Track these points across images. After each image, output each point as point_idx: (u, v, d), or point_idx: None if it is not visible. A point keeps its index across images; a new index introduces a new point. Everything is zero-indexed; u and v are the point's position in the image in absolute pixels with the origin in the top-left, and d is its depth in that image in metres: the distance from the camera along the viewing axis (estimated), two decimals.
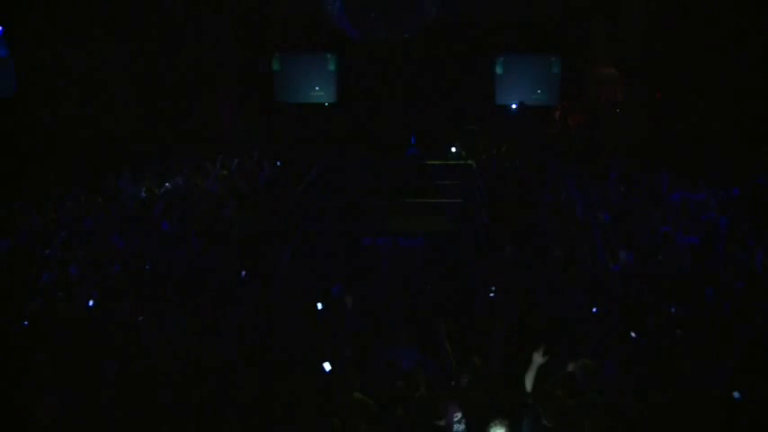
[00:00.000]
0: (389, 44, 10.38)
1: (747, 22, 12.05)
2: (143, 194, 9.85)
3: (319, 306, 6.34)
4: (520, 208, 10.24)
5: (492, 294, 6.44)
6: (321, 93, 15.16)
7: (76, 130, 12.49)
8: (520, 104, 15.00)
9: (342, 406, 4.32)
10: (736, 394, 4.37)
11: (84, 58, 12.58)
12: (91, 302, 6.45)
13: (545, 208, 10.04)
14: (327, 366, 4.93)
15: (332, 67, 14.98)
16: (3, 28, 11.05)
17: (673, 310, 6.36)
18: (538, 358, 4.33)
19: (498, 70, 14.82)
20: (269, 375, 4.93)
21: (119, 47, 13.19)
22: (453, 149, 14.01)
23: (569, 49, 14.83)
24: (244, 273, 7.62)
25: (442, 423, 4.20)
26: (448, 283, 7.07)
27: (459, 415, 4.28)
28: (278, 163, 12.53)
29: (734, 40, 12.31)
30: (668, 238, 8.29)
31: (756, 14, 11.81)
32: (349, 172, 12.74)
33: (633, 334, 5.72)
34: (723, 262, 7.51)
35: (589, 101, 15.75)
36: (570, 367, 4.34)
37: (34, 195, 9.46)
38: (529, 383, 4.33)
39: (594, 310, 6.30)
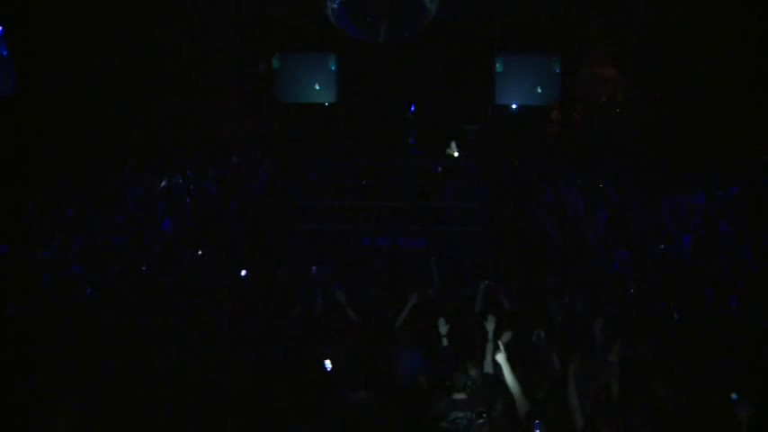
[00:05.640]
0: (389, 44, 10.37)
1: (747, 22, 12.05)
2: (143, 194, 9.86)
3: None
4: (520, 208, 10.26)
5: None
6: (321, 93, 15.16)
7: (77, 130, 12.48)
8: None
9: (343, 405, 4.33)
10: (734, 395, 4.37)
11: (84, 57, 12.58)
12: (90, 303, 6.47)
13: (545, 208, 10.05)
14: (329, 365, 4.93)
15: (332, 67, 14.98)
16: (3, 28, 11.04)
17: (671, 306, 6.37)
18: (501, 357, 4.37)
19: (498, 70, 14.82)
20: (269, 375, 4.94)
21: (119, 46, 13.18)
22: (456, 154, 14.03)
23: (569, 49, 14.83)
24: (244, 272, 7.62)
25: (443, 424, 4.21)
26: (448, 284, 7.05)
27: (459, 414, 4.30)
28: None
29: (734, 40, 12.31)
30: (668, 238, 8.31)
31: (756, 14, 11.81)
32: (349, 172, 12.75)
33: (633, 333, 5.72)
34: (723, 262, 7.51)
35: (589, 101, 15.75)
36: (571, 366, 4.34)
37: (34, 195, 9.46)
38: (510, 380, 4.36)
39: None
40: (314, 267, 7.34)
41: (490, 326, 4.78)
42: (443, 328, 5.06)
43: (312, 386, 4.77)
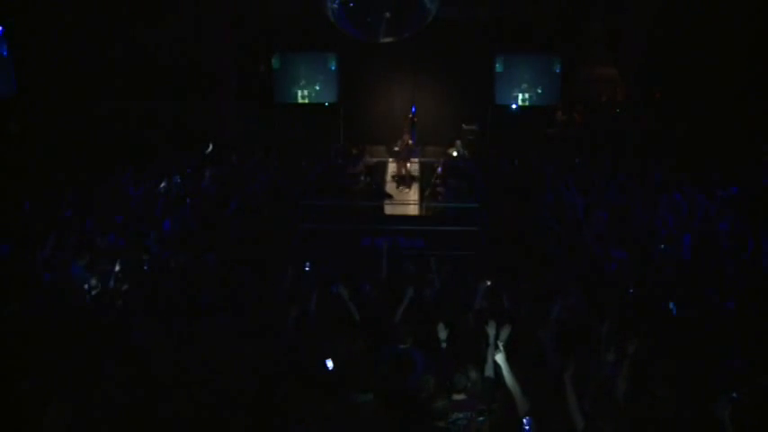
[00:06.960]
0: (389, 44, 10.38)
1: (747, 22, 12.06)
2: (143, 194, 9.86)
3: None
4: (520, 208, 10.25)
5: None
6: (321, 93, 15.17)
7: (77, 130, 12.50)
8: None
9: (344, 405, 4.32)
10: (734, 395, 4.37)
11: (84, 58, 12.59)
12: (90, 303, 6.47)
13: (545, 208, 10.06)
14: (330, 364, 4.91)
15: (332, 67, 14.99)
16: (3, 28, 11.05)
17: (672, 307, 6.37)
18: (500, 357, 4.41)
19: (498, 70, 14.83)
20: (270, 375, 4.93)
21: (119, 46, 13.19)
22: (456, 154, 14.03)
23: (569, 49, 14.84)
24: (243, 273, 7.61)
25: (442, 424, 4.21)
26: (448, 284, 7.05)
27: (459, 415, 4.30)
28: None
29: (734, 39, 12.32)
30: (667, 238, 8.31)
31: (756, 14, 11.82)
32: (348, 172, 12.75)
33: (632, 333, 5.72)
34: (724, 262, 7.51)
35: (589, 101, 15.75)
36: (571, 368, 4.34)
37: (34, 195, 9.46)
38: (510, 381, 4.38)
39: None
40: (307, 263, 7.34)
41: (491, 330, 4.76)
42: (443, 333, 5.06)
43: (315, 386, 4.76)
